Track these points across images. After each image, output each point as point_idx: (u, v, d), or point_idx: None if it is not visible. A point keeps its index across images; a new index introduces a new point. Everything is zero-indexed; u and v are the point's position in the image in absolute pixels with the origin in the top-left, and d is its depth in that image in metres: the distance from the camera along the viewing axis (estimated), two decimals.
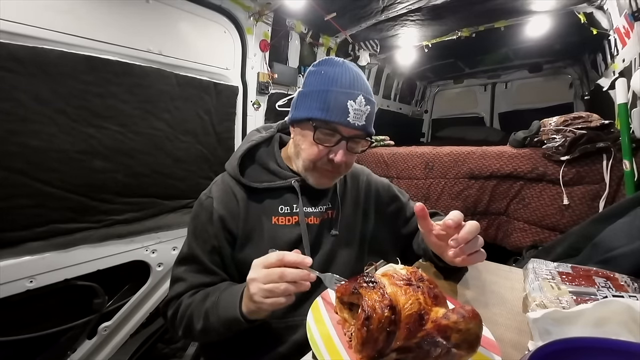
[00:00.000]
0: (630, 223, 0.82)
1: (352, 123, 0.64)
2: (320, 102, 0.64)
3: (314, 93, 0.66)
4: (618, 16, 1.58)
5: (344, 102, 0.63)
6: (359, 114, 0.64)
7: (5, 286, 1.05)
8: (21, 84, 1.04)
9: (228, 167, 0.75)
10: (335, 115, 0.63)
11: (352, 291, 0.45)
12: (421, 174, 2.12)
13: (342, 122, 0.63)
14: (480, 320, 0.41)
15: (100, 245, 1.28)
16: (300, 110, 0.68)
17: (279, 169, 0.75)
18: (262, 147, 0.77)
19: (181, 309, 0.66)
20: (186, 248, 0.71)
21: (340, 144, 0.66)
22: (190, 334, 0.65)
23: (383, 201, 0.87)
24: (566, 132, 1.57)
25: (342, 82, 0.65)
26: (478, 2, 1.85)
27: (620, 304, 0.43)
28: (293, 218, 0.72)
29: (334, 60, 0.70)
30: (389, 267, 0.54)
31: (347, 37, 2.31)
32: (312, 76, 0.69)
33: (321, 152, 0.66)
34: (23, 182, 1.07)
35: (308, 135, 0.67)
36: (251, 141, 0.76)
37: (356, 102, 0.64)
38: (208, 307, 0.61)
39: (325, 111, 0.64)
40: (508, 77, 3.57)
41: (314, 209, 0.74)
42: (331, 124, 0.64)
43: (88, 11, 1.18)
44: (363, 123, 0.65)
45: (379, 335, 0.39)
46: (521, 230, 1.73)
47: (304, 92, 0.69)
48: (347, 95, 0.64)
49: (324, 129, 0.65)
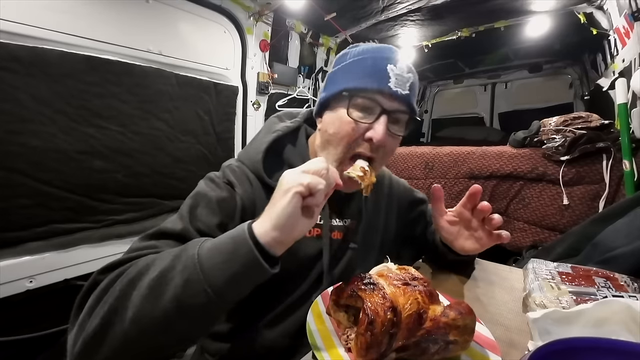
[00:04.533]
0: (630, 223, 0.82)
1: (395, 90, 0.52)
2: (355, 70, 0.54)
3: (345, 66, 0.56)
4: (618, 16, 1.58)
5: (384, 66, 0.52)
6: (402, 81, 0.53)
7: (5, 286, 1.05)
8: (21, 84, 1.04)
9: (246, 160, 0.60)
10: (372, 81, 0.52)
11: (350, 294, 0.44)
12: (421, 174, 2.12)
13: (382, 89, 0.52)
14: (475, 314, 0.43)
15: (100, 245, 1.28)
16: (330, 88, 0.57)
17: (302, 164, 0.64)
18: (287, 140, 0.64)
19: (134, 265, 0.41)
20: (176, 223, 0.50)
21: (381, 119, 0.53)
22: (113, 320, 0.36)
23: (405, 206, 0.79)
24: (566, 132, 1.57)
25: (376, 48, 0.56)
26: (478, 2, 1.85)
27: (620, 304, 0.43)
28: (315, 230, 0.61)
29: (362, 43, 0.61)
30: (383, 266, 0.54)
31: (347, 37, 2.31)
32: (342, 56, 0.59)
33: (357, 130, 0.54)
34: (23, 182, 1.07)
35: (340, 111, 0.55)
36: (276, 131, 0.62)
37: (397, 67, 0.52)
38: (184, 248, 0.40)
39: (360, 78, 0.53)
40: (508, 77, 3.57)
41: (339, 222, 0.64)
42: (369, 92, 0.52)
43: (88, 11, 1.18)
44: (407, 92, 0.54)
45: (383, 338, 0.39)
46: (521, 230, 1.73)
47: (333, 72, 0.59)
48: (385, 59, 0.53)
49: (360, 98, 0.53)
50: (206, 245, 0.39)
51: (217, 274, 0.36)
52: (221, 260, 0.37)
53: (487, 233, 0.57)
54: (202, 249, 0.39)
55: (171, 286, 0.36)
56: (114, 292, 0.38)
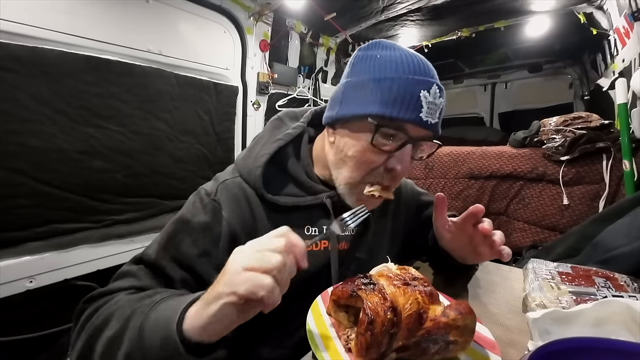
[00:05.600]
0: (630, 223, 0.82)
1: (425, 121, 0.49)
2: (383, 93, 0.49)
3: (371, 82, 0.50)
4: (618, 16, 1.58)
5: (416, 93, 0.48)
6: (433, 109, 0.50)
7: (5, 286, 1.05)
8: (21, 84, 1.04)
9: (245, 173, 0.57)
10: (405, 111, 0.48)
11: (351, 294, 0.44)
12: (421, 174, 2.12)
13: (413, 120, 0.48)
14: (475, 314, 0.42)
15: (100, 245, 1.28)
16: (351, 105, 0.52)
17: (309, 181, 0.59)
18: (290, 149, 0.60)
19: (105, 306, 0.43)
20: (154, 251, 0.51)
21: (406, 149, 0.51)
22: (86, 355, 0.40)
23: (412, 211, 0.77)
24: (566, 132, 1.58)
25: (410, 66, 0.50)
26: (478, 2, 1.85)
27: (620, 304, 0.43)
28: (322, 243, 0.59)
29: (386, 43, 0.54)
30: (383, 266, 0.54)
31: (347, 37, 2.31)
32: (365, 62, 0.53)
33: (377, 159, 0.51)
34: (23, 182, 1.07)
35: (362, 138, 0.51)
36: (277, 140, 0.58)
37: (430, 94, 0.49)
38: (139, 307, 0.40)
39: (390, 105, 0.48)
40: (508, 77, 3.57)
41: (346, 232, 0.61)
42: (398, 122, 0.49)
43: (88, 11, 1.18)
44: (436, 121, 0.51)
45: (383, 338, 0.39)
46: (521, 230, 1.73)
47: (354, 83, 0.53)
48: (419, 83, 0.49)
49: (388, 128, 0.49)
50: (150, 319, 0.38)
51: (154, 353, 0.36)
52: (158, 345, 0.35)
53: (488, 247, 0.54)
54: (147, 321, 0.38)
55: (121, 351, 0.38)
56: (88, 329, 0.42)
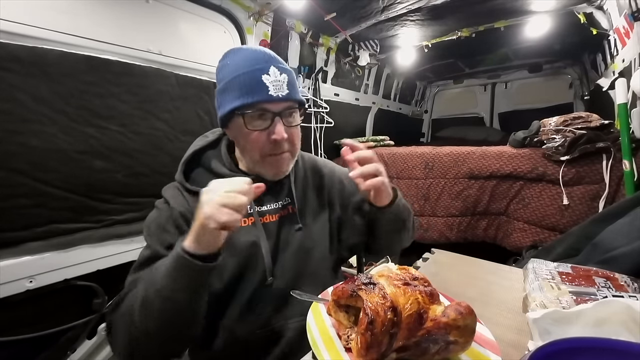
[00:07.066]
0: (630, 223, 0.82)
1: (275, 95, 0.61)
2: (236, 89, 0.62)
3: (228, 85, 0.64)
4: (618, 16, 1.58)
5: (258, 78, 0.61)
6: (278, 85, 0.62)
7: (5, 286, 1.05)
8: (21, 84, 1.04)
9: (176, 177, 0.72)
10: (254, 95, 0.61)
11: (351, 294, 0.44)
12: (421, 174, 2.12)
13: (265, 99, 0.61)
14: (475, 314, 0.42)
15: (100, 245, 1.27)
16: (224, 107, 0.65)
17: (226, 171, 0.71)
18: (207, 150, 0.75)
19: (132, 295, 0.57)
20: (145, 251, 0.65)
21: (275, 121, 0.63)
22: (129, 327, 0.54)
23: (348, 190, 0.83)
24: (566, 132, 1.58)
25: (248, 61, 0.63)
26: (478, 2, 1.85)
27: (620, 304, 0.43)
28: (249, 219, 0.68)
29: (237, 48, 0.68)
30: (383, 267, 0.54)
31: (347, 37, 2.31)
32: (221, 71, 0.66)
33: (261, 137, 0.63)
34: (23, 182, 1.07)
35: (241, 127, 0.63)
36: (195, 146, 0.75)
37: (271, 74, 0.62)
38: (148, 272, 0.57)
39: (244, 96, 0.61)
40: (508, 77, 3.58)
41: (269, 206, 0.71)
42: (256, 105, 0.61)
43: (88, 11, 1.18)
44: (287, 92, 0.63)
45: (383, 338, 0.39)
46: (521, 230, 1.73)
47: (219, 90, 0.66)
48: (258, 71, 0.62)
49: (252, 112, 0.62)
50: (160, 263, 0.57)
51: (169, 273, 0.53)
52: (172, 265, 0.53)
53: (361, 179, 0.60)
54: (158, 266, 0.56)
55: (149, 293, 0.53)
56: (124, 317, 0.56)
